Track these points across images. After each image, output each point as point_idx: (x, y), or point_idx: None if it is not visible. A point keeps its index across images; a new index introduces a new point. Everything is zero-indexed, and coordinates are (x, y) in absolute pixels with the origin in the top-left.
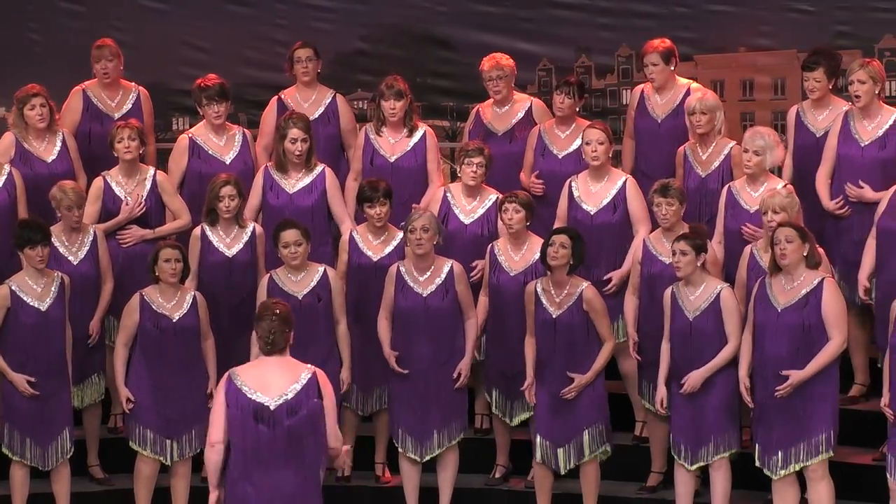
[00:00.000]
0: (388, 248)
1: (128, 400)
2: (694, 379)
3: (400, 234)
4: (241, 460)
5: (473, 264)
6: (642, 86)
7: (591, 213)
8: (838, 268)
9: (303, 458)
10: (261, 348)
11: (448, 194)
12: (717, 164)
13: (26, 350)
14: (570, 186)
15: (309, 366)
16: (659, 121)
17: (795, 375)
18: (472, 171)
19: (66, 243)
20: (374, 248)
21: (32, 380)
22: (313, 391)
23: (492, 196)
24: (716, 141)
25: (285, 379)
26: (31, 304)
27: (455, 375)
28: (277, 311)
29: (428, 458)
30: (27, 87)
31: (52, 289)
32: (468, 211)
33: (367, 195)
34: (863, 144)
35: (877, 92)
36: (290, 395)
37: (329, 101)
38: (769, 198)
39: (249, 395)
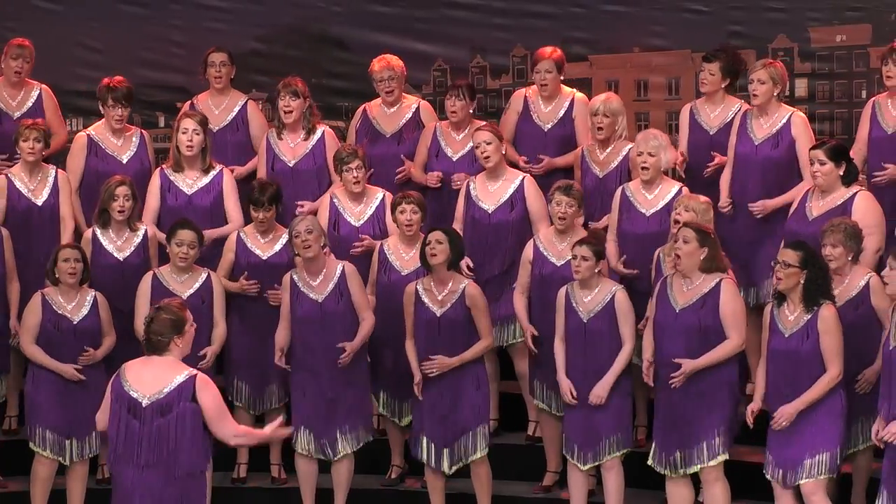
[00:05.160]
0: (277, 246)
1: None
2: (600, 390)
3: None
4: (117, 453)
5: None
6: (524, 90)
7: (489, 211)
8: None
9: (172, 459)
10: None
11: (335, 200)
12: (615, 163)
13: None
14: (467, 186)
15: (192, 370)
16: (545, 129)
17: (687, 364)
18: (352, 178)
19: None
20: (263, 247)
21: None
22: (187, 394)
23: (378, 195)
24: (615, 142)
25: (161, 378)
26: None
27: (341, 348)
28: (158, 317)
29: (331, 459)
30: None
31: None
32: (357, 214)
33: (254, 198)
34: (756, 143)
35: (775, 94)
36: (161, 395)
37: (240, 107)
38: (685, 197)
39: (126, 389)
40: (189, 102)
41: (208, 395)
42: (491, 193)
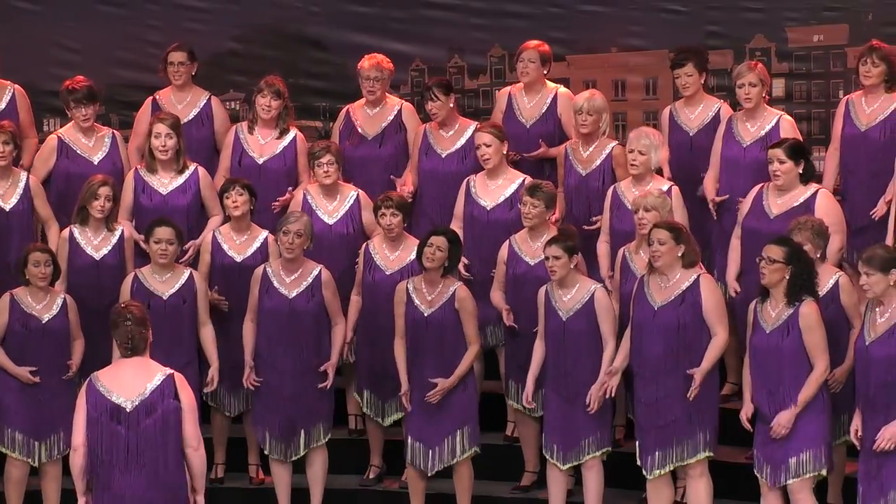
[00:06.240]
0: (252, 249)
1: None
2: (594, 395)
3: (263, 234)
4: (100, 463)
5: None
6: (508, 89)
7: (488, 208)
8: (717, 267)
9: (160, 459)
10: (121, 353)
11: (308, 196)
12: (598, 162)
13: None
14: (467, 184)
15: (167, 369)
16: (528, 125)
17: (698, 374)
18: (322, 172)
19: None
20: (238, 248)
21: None
22: (169, 392)
23: (352, 193)
24: (598, 140)
25: (141, 379)
26: None
27: (322, 374)
28: (133, 314)
29: (295, 458)
30: None
31: None
32: (330, 211)
33: (225, 186)
34: (745, 145)
35: (763, 95)
36: (146, 395)
37: (203, 103)
38: (640, 197)
39: (107, 396)
40: (151, 98)
41: (188, 393)
42: (490, 191)
